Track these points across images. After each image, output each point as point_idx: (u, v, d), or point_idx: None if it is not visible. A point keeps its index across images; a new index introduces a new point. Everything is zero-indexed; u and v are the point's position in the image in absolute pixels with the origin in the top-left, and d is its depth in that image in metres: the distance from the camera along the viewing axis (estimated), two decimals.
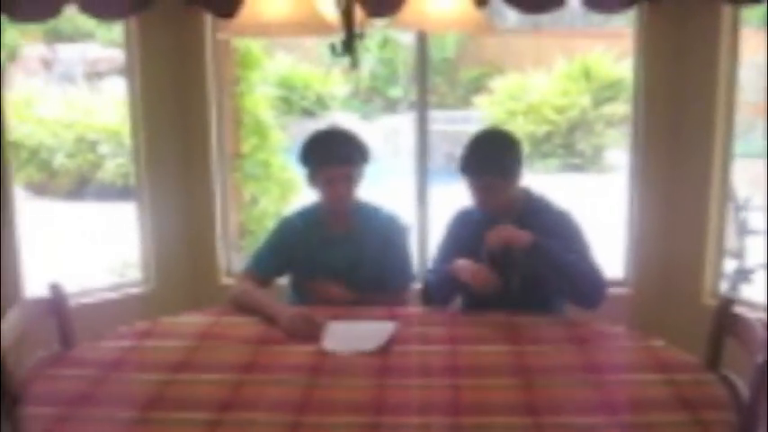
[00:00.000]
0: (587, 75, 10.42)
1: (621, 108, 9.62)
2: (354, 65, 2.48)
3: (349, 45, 2.42)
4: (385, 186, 5.74)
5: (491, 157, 2.87)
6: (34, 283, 3.75)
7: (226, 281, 4.21)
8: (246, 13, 2.33)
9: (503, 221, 2.86)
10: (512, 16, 9.39)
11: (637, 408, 2.20)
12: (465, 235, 2.99)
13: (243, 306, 2.95)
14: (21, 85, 9.96)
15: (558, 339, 2.63)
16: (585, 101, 10.27)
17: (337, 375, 2.42)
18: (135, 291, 4.20)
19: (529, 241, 2.73)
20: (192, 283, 4.19)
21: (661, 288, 3.97)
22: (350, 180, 3.02)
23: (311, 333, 2.67)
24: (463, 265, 2.81)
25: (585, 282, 2.77)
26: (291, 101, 10.30)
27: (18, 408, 2.26)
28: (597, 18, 9.82)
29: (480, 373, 2.42)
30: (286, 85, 10.20)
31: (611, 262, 4.09)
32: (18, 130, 8.47)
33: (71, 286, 3.00)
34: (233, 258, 4.33)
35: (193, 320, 2.90)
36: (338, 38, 2.42)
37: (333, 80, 10.87)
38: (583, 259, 2.82)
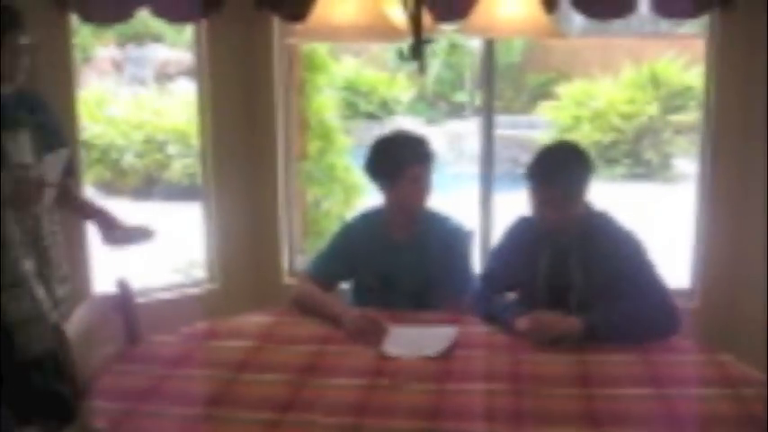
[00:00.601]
0: (655, 81, 10.27)
1: (691, 116, 9.46)
2: (422, 70, 2.48)
3: (417, 50, 2.42)
4: (448, 191, 5.72)
5: (557, 170, 2.80)
6: (102, 279, 3.82)
7: (289, 281, 4.25)
8: (315, 17, 2.34)
9: (561, 237, 2.82)
10: (579, 21, 9.29)
11: (702, 423, 2.16)
12: (523, 244, 2.95)
13: (305, 306, 2.97)
14: (93, 86, 10.18)
15: (621, 349, 2.59)
16: (653, 108, 10.12)
17: (397, 379, 2.42)
18: (199, 290, 4.26)
19: (580, 328, 2.62)
20: (255, 283, 4.23)
21: (729, 301, 3.89)
22: (430, 179, 3.06)
23: (375, 334, 2.68)
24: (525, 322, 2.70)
25: (655, 322, 2.66)
26: (357, 104, 10.35)
27: (85, 402, 2.31)
28: (666, 23, 9.68)
29: (542, 381, 2.40)
30: (351, 88, 10.25)
31: (678, 273, 4.04)
32: (89, 129, 8.66)
33: (137, 284, 3.06)
34: (296, 259, 4.36)
35: (256, 320, 2.92)
36: (406, 43, 2.42)
37: (398, 84, 10.89)
38: (646, 287, 2.72)
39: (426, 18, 2.48)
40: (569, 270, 2.80)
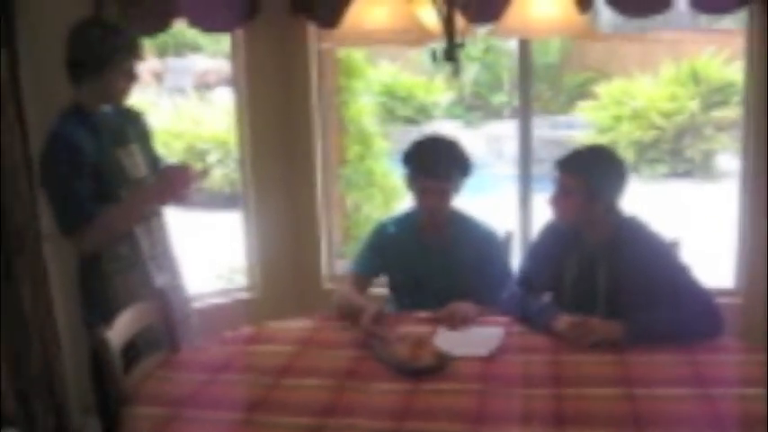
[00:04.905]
0: (696, 78, 10.14)
1: (732, 112, 9.33)
2: (456, 72, 2.49)
3: (450, 53, 2.42)
4: (487, 192, 5.71)
5: (575, 159, 2.83)
6: None
7: (329, 286, 4.26)
8: (348, 22, 2.36)
9: (589, 238, 2.81)
10: (617, 19, 9.24)
11: (745, 423, 2.13)
12: (552, 248, 2.93)
13: (341, 307, 2.97)
14: (133, 97, 10.28)
15: (664, 349, 2.57)
16: (694, 105, 10.00)
17: (439, 382, 2.42)
18: (241, 296, 4.28)
19: (621, 334, 2.58)
20: (296, 289, 4.25)
21: None
22: (443, 194, 3.02)
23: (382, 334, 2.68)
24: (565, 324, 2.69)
25: (698, 329, 2.61)
26: (394, 109, 10.36)
27: (128, 408, 2.34)
28: (706, 18, 9.55)
29: (583, 382, 2.38)
30: (389, 93, 10.28)
31: (721, 271, 3.99)
32: None
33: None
34: (336, 264, 4.37)
35: (297, 326, 2.94)
36: (440, 45, 2.42)
37: (436, 88, 10.89)
38: (686, 293, 2.67)
39: (460, 20, 2.49)
40: (596, 277, 2.78)
